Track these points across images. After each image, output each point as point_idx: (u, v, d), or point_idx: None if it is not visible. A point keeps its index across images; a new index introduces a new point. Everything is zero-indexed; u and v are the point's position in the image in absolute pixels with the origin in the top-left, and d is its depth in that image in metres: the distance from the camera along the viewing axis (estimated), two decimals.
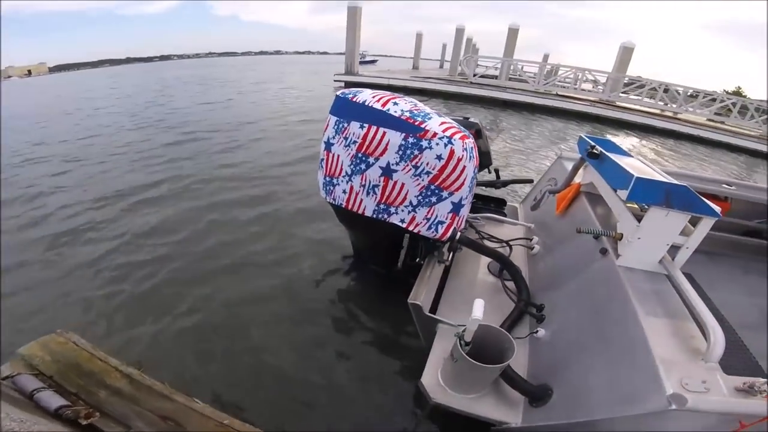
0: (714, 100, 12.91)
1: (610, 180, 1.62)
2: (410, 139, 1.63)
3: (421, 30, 22.17)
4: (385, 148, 1.67)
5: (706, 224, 1.31)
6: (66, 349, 1.35)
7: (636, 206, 1.66)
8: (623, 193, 1.40)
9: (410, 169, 1.67)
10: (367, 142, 1.70)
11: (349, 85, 13.88)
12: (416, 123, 1.63)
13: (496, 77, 14.40)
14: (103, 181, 4.49)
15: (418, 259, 1.97)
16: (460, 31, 16.62)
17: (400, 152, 1.65)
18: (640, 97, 13.43)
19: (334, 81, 14.51)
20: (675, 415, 0.89)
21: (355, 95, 1.77)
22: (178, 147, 5.97)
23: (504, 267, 1.90)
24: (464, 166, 1.65)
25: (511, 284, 1.88)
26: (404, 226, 1.80)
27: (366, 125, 1.69)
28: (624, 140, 9.84)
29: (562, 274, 1.76)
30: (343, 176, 1.84)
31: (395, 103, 1.70)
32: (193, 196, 4.00)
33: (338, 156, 1.82)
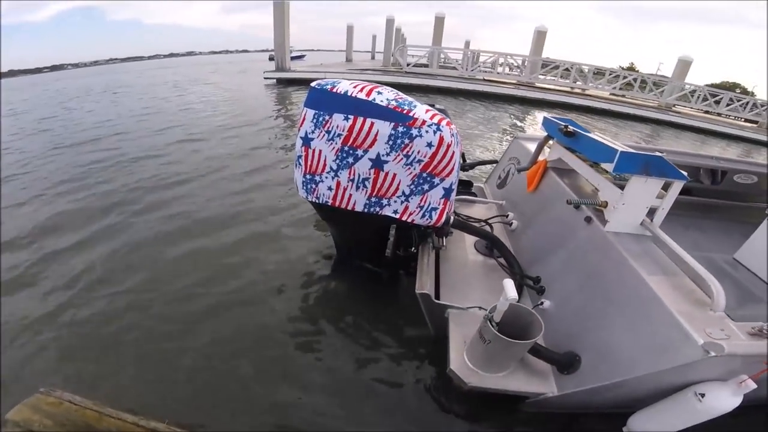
0: (617, 76, 14.55)
1: (591, 155, 1.73)
2: (400, 128, 1.59)
3: (351, 23, 21.86)
4: (374, 139, 1.61)
5: (677, 187, 1.48)
6: (64, 409, 1.13)
7: (610, 177, 1.80)
8: (608, 166, 1.50)
9: (401, 159, 1.63)
10: (354, 135, 1.62)
11: (281, 82, 13.26)
12: (404, 111, 1.59)
13: (427, 66, 14.77)
14: (17, 218, 3.42)
15: (413, 248, 1.95)
16: (390, 22, 16.67)
17: (390, 142, 1.60)
18: (555, 78, 14.68)
19: (265, 78, 13.76)
20: (711, 362, 0.97)
21: (334, 86, 1.68)
22: (99, 167, 4.74)
23: (493, 245, 1.96)
24: (453, 152, 1.65)
25: (500, 261, 1.95)
26: (397, 216, 1.76)
27: (351, 117, 1.61)
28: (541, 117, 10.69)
29: (548, 245, 1.85)
30: (328, 172, 1.74)
31: (379, 93, 1.64)
32: (131, 227, 3.19)
33: (320, 151, 1.72)
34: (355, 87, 1.66)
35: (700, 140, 10.96)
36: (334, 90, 1.66)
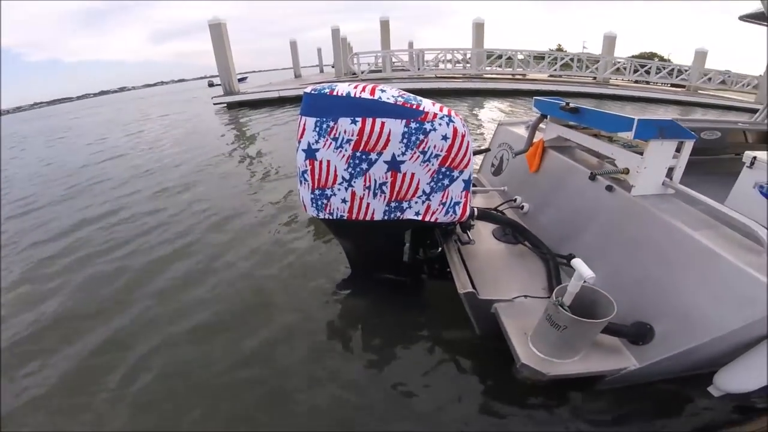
0: (555, 59, 15.40)
1: (604, 127, 1.76)
2: (413, 125, 1.49)
3: (293, 39, 21.61)
4: (387, 140, 1.51)
5: (689, 146, 1.54)
6: None
7: (616, 144, 1.82)
8: (627, 134, 1.51)
9: (418, 156, 1.54)
10: (365, 138, 1.51)
11: (233, 106, 12.82)
12: (414, 106, 1.50)
13: (381, 71, 14.89)
14: None
15: (439, 249, 1.86)
16: (335, 32, 16.55)
17: (405, 140, 1.51)
18: (501, 68, 15.32)
19: (214, 104, 13.25)
20: None
21: (333, 89, 1.56)
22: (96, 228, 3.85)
23: (516, 230, 1.92)
24: (468, 142, 1.58)
25: (527, 245, 1.91)
26: (420, 218, 1.66)
27: (359, 119, 1.49)
28: (500, 105, 11.09)
29: (572, 221, 1.83)
30: (340, 183, 1.61)
31: (383, 90, 1.54)
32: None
33: (329, 162, 1.59)
34: (356, 87, 1.55)
35: (640, 108, 11.76)
36: (335, 93, 1.54)
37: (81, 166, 6.74)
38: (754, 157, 1.70)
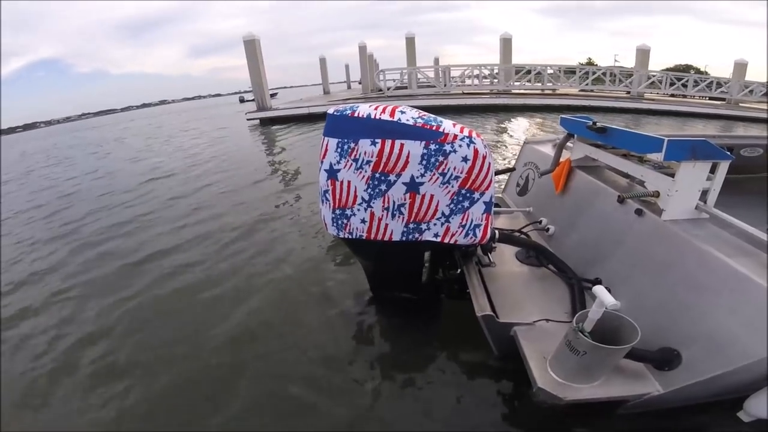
0: (587, 73, 15.07)
1: (632, 147, 1.70)
2: (432, 146, 1.50)
3: (323, 55, 22.29)
4: (407, 161, 1.52)
5: (724, 167, 1.46)
6: None
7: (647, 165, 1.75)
8: (656, 156, 1.45)
9: (438, 178, 1.54)
10: (384, 159, 1.53)
11: (265, 122, 13.32)
12: (433, 128, 1.51)
13: (406, 87, 15.10)
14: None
15: (457, 270, 1.84)
16: (362, 49, 16.98)
17: (424, 162, 1.52)
18: (530, 83, 15.14)
19: (248, 120, 13.84)
20: None
21: (354, 110, 1.60)
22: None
23: (540, 253, 1.86)
24: (489, 163, 1.57)
25: (551, 269, 1.85)
26: (439, 240, 1.65)
27: (379, 140, 1.52)
28: (530, 121, 10.92)
29: (599, 245, 1.76)
30: (359, 204, 1.64)
31: (402, 112, 1.56)
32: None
33: (349, 182, 1.62)
34: (376, 109, 1.58)
35: (680, 123, 11.26)
36: (356, 114, 1.58)
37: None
38: None
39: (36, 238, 4.42)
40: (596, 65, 19.87)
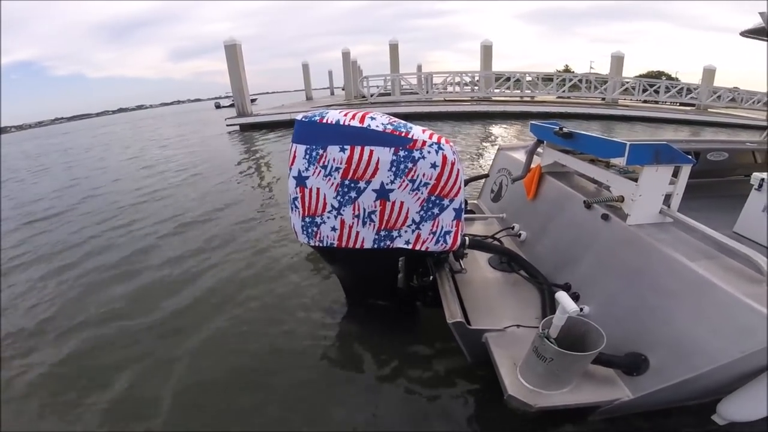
0: (563, 80, 15.50)
1: (596, 152, 1.72)
2: (401, 153, 1.49)
3: (306, 61, 22.22)
4: (376, 168, 1.51)
5: (686, 171, 1.49)
6: None
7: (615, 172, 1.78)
8: (619, 160, 1.47)
9: (407, 185, 1.53)
10: (353, 166, 1.51)
11: (245, 128, 13.12)
12: (402, 134, 1.50)
13: (389, 94, 15.18)
14: None
15: (430, 277, 1.82)
16: (346, 55, 16.99)
17: (393, 168, 1.50)
18: (509, 90, 15.46)
19: (227, 126, 13.60)
20: None
21: (323, 116, 1.58)
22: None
23: (511, 259, 1.87)
24: (458, 170, 1.57)
25: (522, 274, 1.86)
26: (410, 247, 1.64)
27: (348, 147, 1.50)
28: (509, 128, 11.11)
29: (568, 250, 1.78)
30: (329, 211, 1.61)
31: (372, 118, 1.55)
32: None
33: (318, 189, 1.60)
34: (345, 115, 1.56)
35: (652, 128, 11.66)
36: (324, 121, 1.56)
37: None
38: (763, 179, 1.64)
39: None
40: (573, 72, 20.47)
